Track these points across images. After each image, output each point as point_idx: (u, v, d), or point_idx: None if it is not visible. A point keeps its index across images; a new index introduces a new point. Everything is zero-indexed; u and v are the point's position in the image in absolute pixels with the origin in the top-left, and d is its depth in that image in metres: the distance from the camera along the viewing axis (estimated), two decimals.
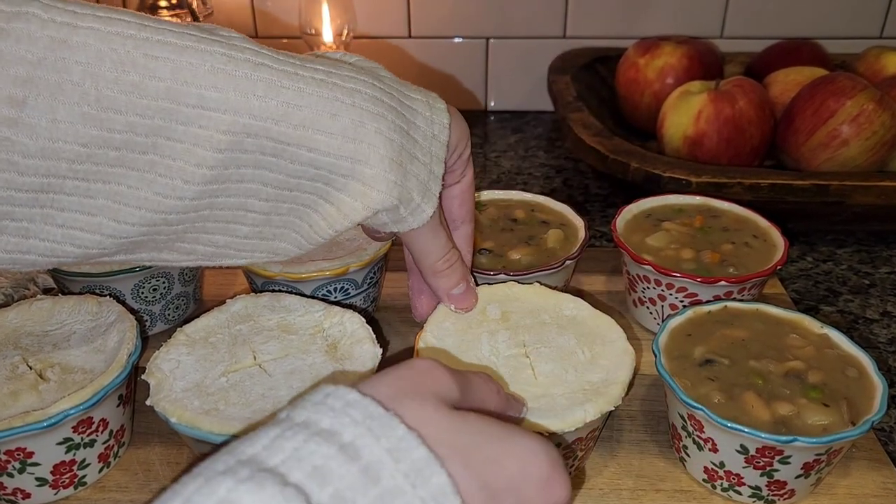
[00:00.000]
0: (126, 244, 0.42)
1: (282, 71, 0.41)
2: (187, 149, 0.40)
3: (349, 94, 0.43)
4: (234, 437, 0.41)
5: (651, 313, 0.64)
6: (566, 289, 0.64)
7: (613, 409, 0.46)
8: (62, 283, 0.62)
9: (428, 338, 0.51)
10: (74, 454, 0.48)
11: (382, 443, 0.28)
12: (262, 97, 0.40)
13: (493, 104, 1.20)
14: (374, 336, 0.52)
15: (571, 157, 1.04)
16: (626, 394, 0.47)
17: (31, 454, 0.46)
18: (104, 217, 0.40)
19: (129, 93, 0.38)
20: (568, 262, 0.61)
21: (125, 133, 0.38)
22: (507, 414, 0.40)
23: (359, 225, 0.50)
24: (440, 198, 0.49)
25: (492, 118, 1.18)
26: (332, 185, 0.43)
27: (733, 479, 0.48)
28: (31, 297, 0.59)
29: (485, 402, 0.37)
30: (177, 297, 0.64)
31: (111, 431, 0.50)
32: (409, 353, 0.61)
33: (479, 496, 0.30)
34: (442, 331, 0.52)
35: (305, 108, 0.41)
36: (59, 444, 0.46)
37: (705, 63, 0.96)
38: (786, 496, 0.48)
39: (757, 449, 0.45)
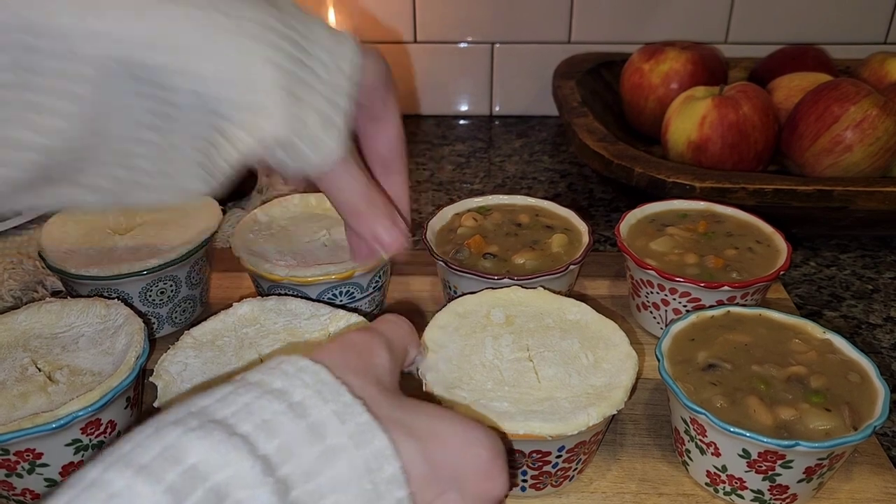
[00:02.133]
0: (21, 186, 0.39)
1: None
2: (57, 84, 0.37)
3: (234, 21, 0.39)
4: None
5: (654, 318, 0.65)
6: (570, 293, 0.65)
7: (616, 412, 0.46)
8: (70, 286, 0.63)
9: (431, 341, 0.51)
10: (83, 455, 0.48)
11: (330, 405, 0.30)
12: (131, 23, 0.37)
13: (498, 109, 1.20)
14: None
15: (576, 161, 1.04)
16: (629, 398, 0.48)
17: (40, 455, 0.46)
18: None
19: None
20: (572, 267, 0.62)
21: None
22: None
23: (272, 173, 0.47)
24: (357, 142, 0.46)
25: (497, 123, 1.19)
26: (221, 117, 0.40)
27: (735, 483, 0.48)
28: (40, 299, 0.60)
29: (408, 351, 0.41)
30: (184, 301, 0.65)
31: (119, 433, 0.51)
32: None
33: (421, 466, 0.31)
34: (445, 335, 0.52)
35: (181, 33, 0.38)
36: (68, 445, 0.47)
37: (709, 68, 0.96)
38: (788, 500, 0.48)
39: (759, 453, 0.45)
